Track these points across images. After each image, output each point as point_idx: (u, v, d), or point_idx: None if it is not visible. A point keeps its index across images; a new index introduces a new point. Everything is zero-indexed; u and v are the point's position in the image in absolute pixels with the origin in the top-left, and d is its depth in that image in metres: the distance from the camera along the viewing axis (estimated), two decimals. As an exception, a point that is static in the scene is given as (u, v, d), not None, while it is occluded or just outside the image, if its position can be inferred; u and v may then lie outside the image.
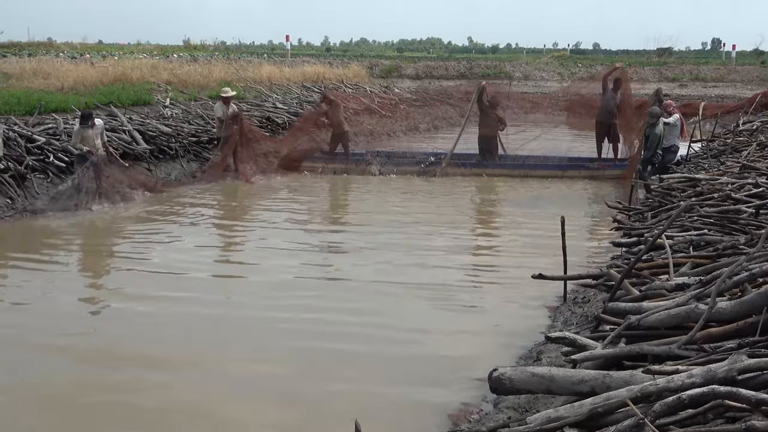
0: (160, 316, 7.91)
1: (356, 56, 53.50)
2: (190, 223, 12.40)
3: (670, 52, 61.76)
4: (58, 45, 43.69)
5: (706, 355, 3.89)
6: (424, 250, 10.54)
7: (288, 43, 50.95)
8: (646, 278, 5.78)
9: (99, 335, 7.48)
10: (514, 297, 8.43)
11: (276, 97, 25.02)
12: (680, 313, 4.45)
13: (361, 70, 39.13)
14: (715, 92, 38.96)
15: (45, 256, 10.41)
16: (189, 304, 8.24)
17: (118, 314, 8.04)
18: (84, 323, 7.84)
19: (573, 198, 14.68)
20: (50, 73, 22.42)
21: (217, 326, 7.64)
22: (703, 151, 14.46)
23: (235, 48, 58.75)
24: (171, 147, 16.45)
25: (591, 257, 9.97)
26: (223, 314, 8.01)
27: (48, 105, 16.47)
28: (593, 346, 4.54)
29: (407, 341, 7.15)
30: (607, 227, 10.89)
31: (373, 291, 8.72)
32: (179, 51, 43.30)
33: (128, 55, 33.90)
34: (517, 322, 7.58)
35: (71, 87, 20.52)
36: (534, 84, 40.47)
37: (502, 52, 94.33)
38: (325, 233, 12.08)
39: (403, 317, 7.82)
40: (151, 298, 8.43)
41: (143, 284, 8.88)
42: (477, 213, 14.06)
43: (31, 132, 13.97)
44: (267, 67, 32.74)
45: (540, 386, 4.02)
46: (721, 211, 7.36)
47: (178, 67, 27.90)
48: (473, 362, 6.47)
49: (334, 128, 17.69)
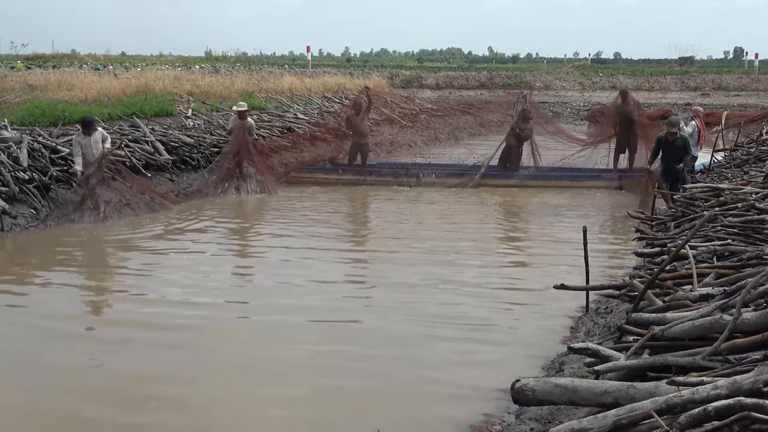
0: (163, 346, 7.42)
1: (376, 67, 53.76)
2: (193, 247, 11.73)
3: (691, 61, 61.52)
4: (81, 57, 44.32)
5: (731, 367, 3.85)
6: (446, 258, 10.53)
7: (309, 53, 51.34)
8: (670, 289, 5.73)
9: (101, 369, 7.09)
10: (535, 307, 8.39)
11: (297, 108, 25.13)
12: (705, 324, 4.42)
13: (382, 81, 39.30)
14: (737, 101, 38.73)
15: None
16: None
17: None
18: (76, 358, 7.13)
19: (594, 208, 14.62)
20: (74, 85, 22.71)
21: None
22: (726, 161, 14.34)
23: (256, 59, 59.27)
24: (193, 157, 16.57)
25: (613, 267, 9.91)
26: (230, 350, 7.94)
27: (72, 116, 16.63)
28: (616, 357, 4.51)
29: (430, 351, 7.13)
30: (629, 237, 10.85)
31: (395, 299, 8.70)
32: (201, 62, 43.74)
33: (150, 67, 34.27)
34: (540, 333, 7.55)
35: (95, 98, 20.75)
36: (555, 94, 40.42)
37: (523, 62, 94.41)
38: (342, 241, 12.08)
39: (424, 325, 7.80)
40: (148, 326, 7.95)
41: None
42: (498, 223, 14.02)
43: (55, 143, 14.12)
44: (288, 77, 32.96)
45: (563, 397, 4.00)
46: (744, 220, 7.28)
47: (199, 79, 28.15)
48: (495, 373, 6.45)
49: (357, 137, 17.62)
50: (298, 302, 8.60)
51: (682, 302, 5.22)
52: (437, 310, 8.36)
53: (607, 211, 14.40)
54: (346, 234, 13.12)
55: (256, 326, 8.01)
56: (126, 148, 14.92)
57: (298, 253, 10.98)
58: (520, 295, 9.00)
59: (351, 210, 15.52)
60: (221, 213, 14.23)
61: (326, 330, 7.79)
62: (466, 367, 6.77)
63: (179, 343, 7.47)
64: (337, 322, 8.00)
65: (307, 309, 8.34)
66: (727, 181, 10.88)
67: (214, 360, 7.01)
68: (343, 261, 10.85)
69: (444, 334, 7.60)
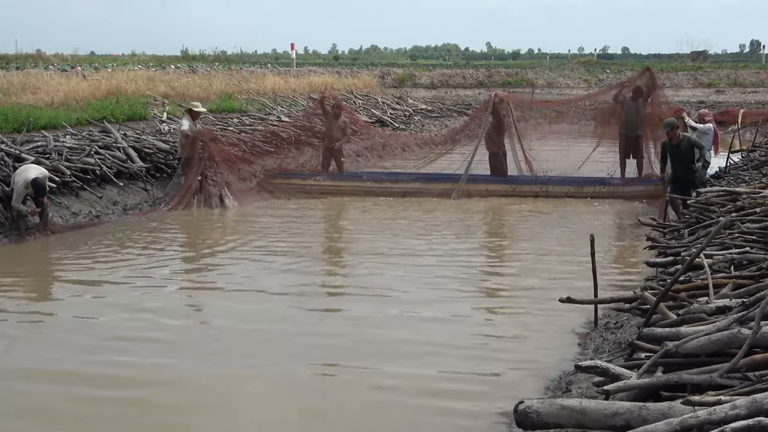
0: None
1: (366, 65, 53.81)
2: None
3: (705, 56, 61.79)
4: (47, 57, 44.30)
5: (750, 384, 3.86)
6: (442, 275, 10.51)
7: (293, 51, 51.30)
8: (684, 301, 5.75)
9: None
10: (540, 323, 8.37)
11: (281, 110, 25.16)
12: (722, 339, 4.43)
13: (372, 80, 39.37)
14: (755, 98, 38.88)
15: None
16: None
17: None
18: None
19: (600, 217, 14.61)
20: (39, 88, 22.68)
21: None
22: (743, 162, 14.40)
23: (236, 58, 59.30)
24: (169, 165, 16.53)
25: (623, 279, 9.92)
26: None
27: (37, 121, 16.58)
28: (627, 376, 4.52)
29: (426, 369, 7.11)
30: (639, 246, 10.86)
31: (392, 316, 8.69)
32: (177, 62, 43.79)
33: (122, 67, 34.32)
34: (545, 351, 7.53)
35: (62, 102, 20.71)
36: (558, 92, 40.50)
37: (524, 58, 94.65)
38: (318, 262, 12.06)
39: (421, 344, 7.78)
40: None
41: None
42: (497, 234, 14.01)
43: (19, 151, 14.03)
44: (271, 77, 33.05)
45: (570, 420, 4.00)
46: (764, 227, 7.31)
47: (175, 79, 28.18)
48: (498, 394, 6.44)
49: (328, 141, 17.40)
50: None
51: (697, 315, 5.23)
52: (432, 327, 8.35)
53: (616, 219, 14.37)
54: (332, 251, 13.11)
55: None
56: (96, 156, 14.88)
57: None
58: (522, 310, 8.96)
59: (332, 223, 15.45)
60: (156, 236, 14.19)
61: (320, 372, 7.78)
62: (464, 389, 6.74)
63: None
64: (328, 344, 7.98)
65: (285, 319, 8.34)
66: (745, 185, 10.93)
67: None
68: (330, 279, 10.83)
69: (440, 352, 7.58)
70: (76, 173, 14.18)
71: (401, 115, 30.18)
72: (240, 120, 21.92)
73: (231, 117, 22.18)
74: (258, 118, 22.67)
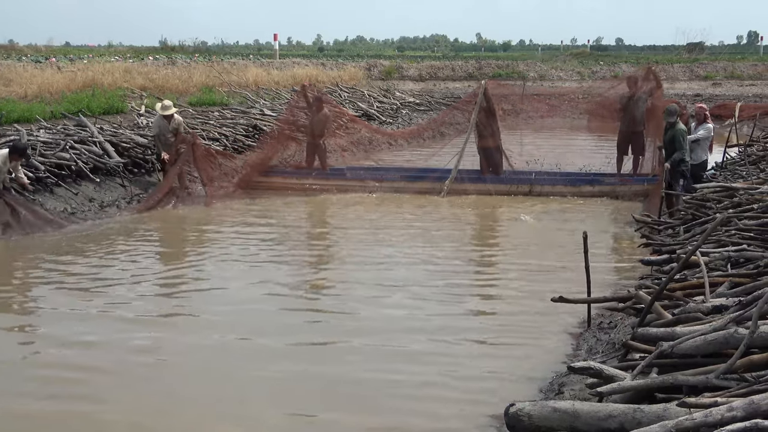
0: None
1: (352, 56, 53.87)
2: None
3: (701, 48, 62.01)
4: (20, 48, 44.11)
5: (747, 385, 3.88)
6: (431, 273, 10.52)
7: (276, 42, 51.14)
8: (680, 300, 5.78)
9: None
10: (532, 323, 8.38)
11: (264, 103, 25.12)
12: (718, 339, 4.45)
13: (358, 72, 39.40)
14: (752, 91, 39.09)
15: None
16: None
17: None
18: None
19: (593, 214, 14.63)
20: (12, 80, 22.59)
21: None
22: (741, 157, 14.45)
23: (217, 49, 59.32)
24: (147, 160, 16.46)
25: (617, 278, 9.94)
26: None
27: (10, 115, 16.52)
28: (621, 377, 4.54)
29: (415, 371, 7.12)
30: (634, 244, 10.89)
31: (380, 317, 8.69)
32: (155, 53, 43.68)
33: (98, 59, 34.20)
34: (536, 351, 7.55)
35: (35, 94, 20.65)
36: (551, 85, 40.59)
37: (515, 50, 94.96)
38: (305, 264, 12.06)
39: (410, 346, 7.79)
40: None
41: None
42: (487, 233, 14.02)
43: (-10, 145, 13.98)
44: (253, 69, 33.04)
45: (562, 423, 4.02)
46: (761, 223, 7.35)
47: (154, 71, 28.11)
48: (487, 396, 6.45)
49: (311, 137, 17.26)
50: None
51: (693, 315, 5.26)
52: (423, 326, 8.35)
53: (610, 216, 14.40)
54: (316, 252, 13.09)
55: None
56: (71, 151, 14.80)
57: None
58: (513, 309, 8.97)
59: (315, 222, 15.41)
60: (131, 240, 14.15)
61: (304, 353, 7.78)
62: (453, 390, 6.75)
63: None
64: (311, 345, 7.98)
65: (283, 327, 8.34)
66: (742, 180, 10.98)
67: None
68: (317, 280, 10.83)
69: (430, 351, 7.59)
70: (51, 169, 14.08)
71: (388, 108, 30.18)
72: (221, 113, 21.86)
73: (212, 110, 22.12)
74: (240, 112, 22.62)
